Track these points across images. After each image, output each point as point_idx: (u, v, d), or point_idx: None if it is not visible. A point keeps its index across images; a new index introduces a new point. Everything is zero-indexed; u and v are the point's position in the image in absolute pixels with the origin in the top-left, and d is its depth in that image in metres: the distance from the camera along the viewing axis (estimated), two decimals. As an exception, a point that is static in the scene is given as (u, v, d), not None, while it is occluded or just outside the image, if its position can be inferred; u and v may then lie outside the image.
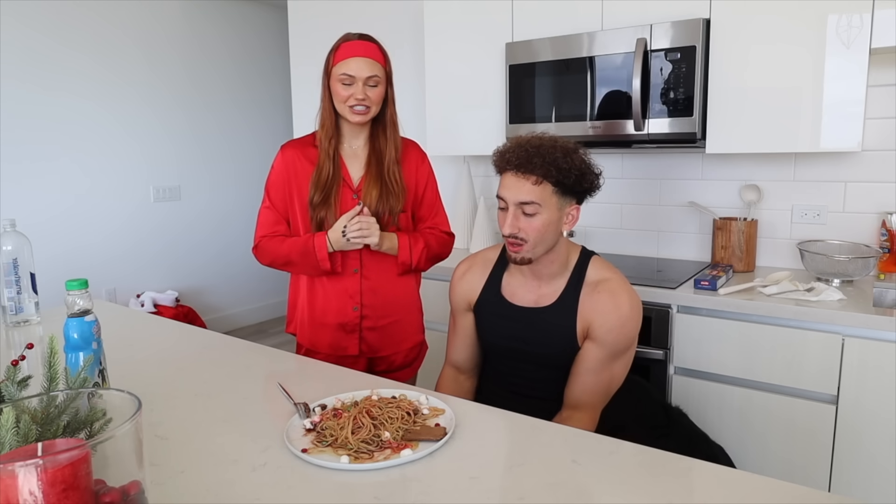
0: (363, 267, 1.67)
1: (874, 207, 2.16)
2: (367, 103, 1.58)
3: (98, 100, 3.81)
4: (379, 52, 1.60)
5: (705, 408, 1.98)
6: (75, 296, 1.15)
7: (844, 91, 1.88)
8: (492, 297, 1.47)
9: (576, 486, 0.89)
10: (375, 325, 1.70)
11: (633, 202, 2.62)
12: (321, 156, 1.63)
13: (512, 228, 1.32)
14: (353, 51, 1.57)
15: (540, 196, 1.29)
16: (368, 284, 1.68)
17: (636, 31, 2.11)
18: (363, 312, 1.68)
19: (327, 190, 1.61)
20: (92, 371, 1.11)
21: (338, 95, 1.58)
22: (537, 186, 1.29)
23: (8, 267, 1.75)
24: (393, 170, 1.66)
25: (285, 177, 1.67)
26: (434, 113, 2.77)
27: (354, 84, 1.56)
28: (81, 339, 1.11)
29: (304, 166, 1.66)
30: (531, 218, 1.31)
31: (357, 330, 1.69)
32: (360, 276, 1.67)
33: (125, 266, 4.02)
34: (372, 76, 1.57)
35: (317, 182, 1.62)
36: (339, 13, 3.39)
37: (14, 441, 0.64)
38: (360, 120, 1.61)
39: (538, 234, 1.32)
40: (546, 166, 1.28)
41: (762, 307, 1.85)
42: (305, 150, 1.68)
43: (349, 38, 1.60)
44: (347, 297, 1.68)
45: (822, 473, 1.81)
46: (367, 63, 1.56)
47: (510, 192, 1.32)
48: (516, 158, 1.31)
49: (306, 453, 0.98)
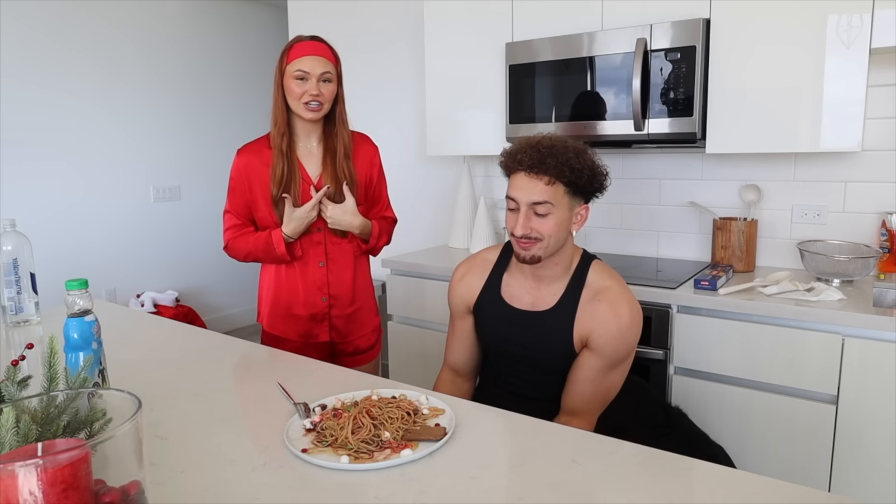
0: (328, 261, 1.78)
1: (874, 207, 2.16)
2: (320, 99, 1.65)
3: (98, 100, 3.81)
4: (330, 52, 1.69)
5: (705, 408, 1.98)
6: (75, 296, 1.15)
7: (844, 91, 1.88)
8: (491, 299, 1.47)
9: (576, 486, 0.89)
10: (342, 312, 1.82)
11: (633, 202, 2.62)
12: (274, 153, 1.70)
13: (524, 230, 1.31)
14: (306, 49, 1.65)
15: (553, 196, 1.30)
16: (334, 276, 1.79)
17: (636, 31, 2.11)
18: (331, 302, 1.80)
19: (285, 186, 1.69)
20: (92, 371, 1.11)
21: (291, 92, 1.65)
22: (550, 187, 1.29)
23: (8, 267, 1.75)
24: (343, 165, 1.74)
25: (243, 184, 1.74)
26: (434, 113, 2.77)
27: (308, 80, 1.63)
28: (81, 339, 1.11)
29: (260, 169, 1.72)
30: (544, 218, 1.30)
31: (327, 318, 1.81)
32: (326, 270, 1.78)
33: (125, 266, 4.02)
34: (325, 72, 1.65)
35: (274, 180, 1.69)
36: (339, 13, 3.39)
37: (14, 441, 0.64)
38: (314, 116, 1.67)
39: (551, 235, 1.32)
40: (559, 166, 1.28)
41: (762, 307, 1.85)
42: (260, 153, 1.74)
43: (301, 38, 1.68)
44: (316, 289, 1.78)
45: (822, 473, 1.81)
46: (320, 60, 1.65)
47: (522, 192, 1.31)
48: (528, 159, 1.30)
49: (306, 453, 0.98)
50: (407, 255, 2.79)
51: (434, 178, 3.21)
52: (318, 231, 1.76)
